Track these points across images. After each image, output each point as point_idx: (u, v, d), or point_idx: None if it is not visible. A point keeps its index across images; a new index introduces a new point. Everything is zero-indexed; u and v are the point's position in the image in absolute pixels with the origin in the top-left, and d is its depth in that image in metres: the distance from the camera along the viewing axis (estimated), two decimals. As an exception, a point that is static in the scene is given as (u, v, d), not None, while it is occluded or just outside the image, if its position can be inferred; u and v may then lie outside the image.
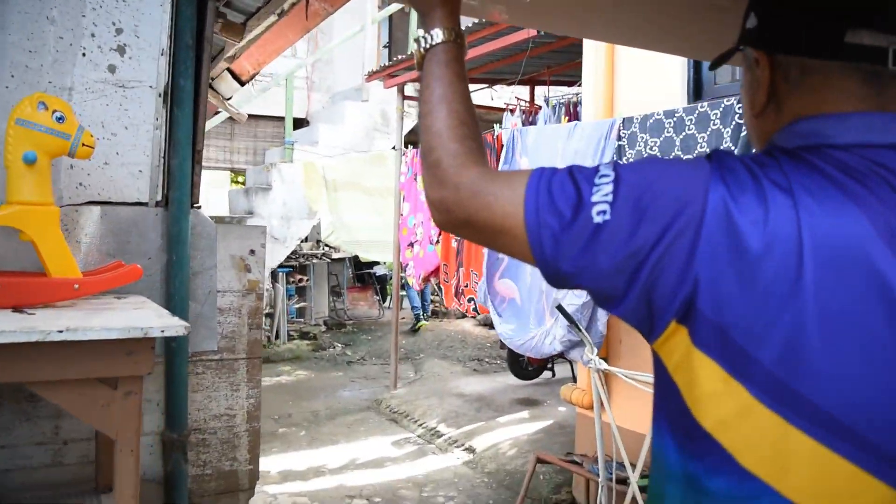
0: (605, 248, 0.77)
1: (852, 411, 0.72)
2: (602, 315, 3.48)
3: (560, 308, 3.07)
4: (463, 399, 6.64)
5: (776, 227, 0.73)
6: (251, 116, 10.92)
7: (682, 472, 0.80)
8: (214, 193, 11.29)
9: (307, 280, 9.45)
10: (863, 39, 0.78)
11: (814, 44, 0.81)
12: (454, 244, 5.78)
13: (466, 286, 5.43)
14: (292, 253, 9.13)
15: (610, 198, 0.77)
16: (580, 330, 3.08)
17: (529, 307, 4.14)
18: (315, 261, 9.50)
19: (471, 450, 5.38)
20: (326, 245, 9.66)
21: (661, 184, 0.77)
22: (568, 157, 3.69)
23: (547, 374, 7.32)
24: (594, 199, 0.78)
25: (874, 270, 0.72)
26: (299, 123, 10.36)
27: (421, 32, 0.98)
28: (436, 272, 6.07)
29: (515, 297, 4.32)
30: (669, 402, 0.81)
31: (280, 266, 8.93)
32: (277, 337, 8.90)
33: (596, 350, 3.07)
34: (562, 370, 7.29)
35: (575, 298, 3.45)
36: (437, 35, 0.95)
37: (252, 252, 2.68)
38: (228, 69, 4.06)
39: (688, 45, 1.42)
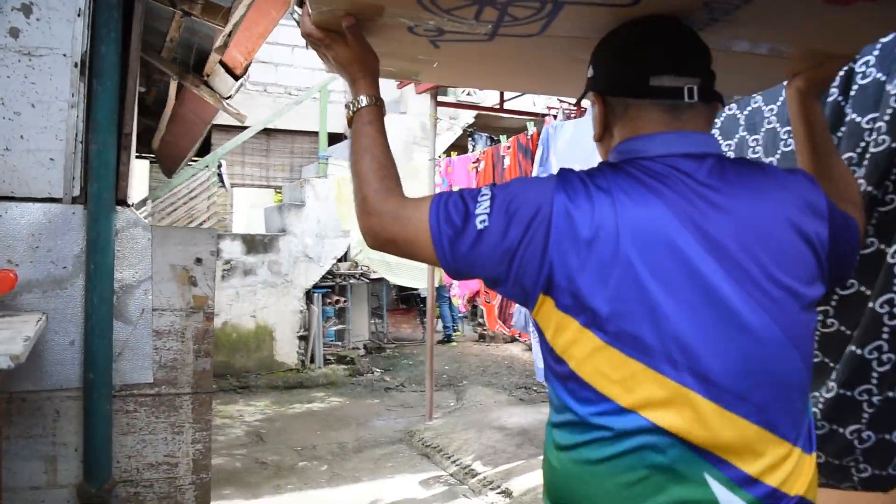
0: (487, 246, 1.12)
1: (662, 341, 1.05)
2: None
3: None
4: (503, 433, 6.00)
5: (600, 217, 1.07)
6: (287, 132, 10.63)
7: (563, 403, 1.13)
8: (257, 213, 10.99)
9: (345, 301, 8.98)
10: (663, 82, 1.14)
11: (629, 87, 1.17)
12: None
13: (510, 307, 4.84)
14: (329, 273, 8.68)
15: (488, 210, 1.13)
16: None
17: None
18: (353, 281, 9.02)
19: (507, 493, 4.74)
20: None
21: (522, 196, 1.12)
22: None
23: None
24: (477, 211, 1.13)
25: (671, 241, 1.06)
26: (337, 139, 9.96)
27: (350, 98, 1.32)
28: (479, 292, 5.48)
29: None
30: (548, 356, 1.14)
31: (315, 287, 8.48)
32: (312, 361, 8.43)
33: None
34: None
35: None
36: (362, 101, 1.30)
37: (199, 261, 2.15)
38: (221, 62, 3.60)
39: (565, 88, 1.73)
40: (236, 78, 3.70)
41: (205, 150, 8.47)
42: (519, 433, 5.99)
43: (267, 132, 10.16)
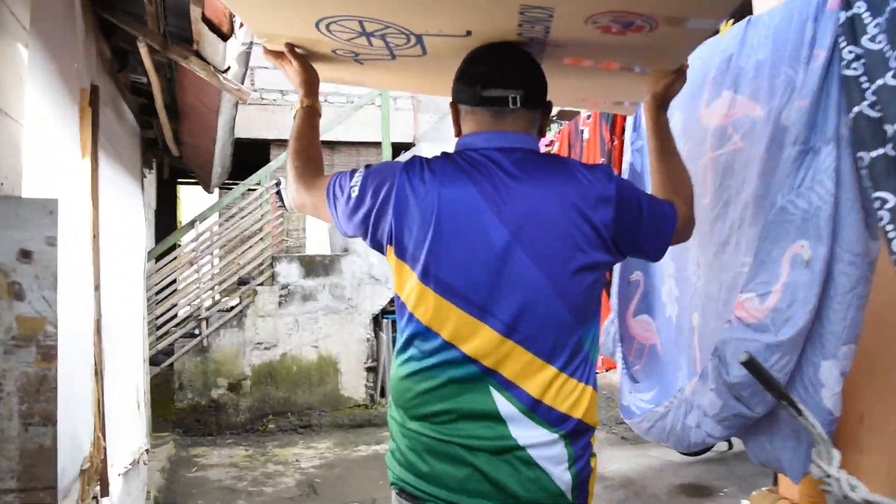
0: (356, 209, 1.50)
1: (461, 283, 1.40)
2: (827, 373, 1.70)
3: (750, 363, 1.37)
4: (603, 483, 4.87)
5: (426, 192, 1.43)
6: (351, 144, 9.87)
7: (400, 326, 1.49)
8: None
9: (418, 327, 8.07)
10: (492, 93, 1.47)
11: (467, 97, 1.51)
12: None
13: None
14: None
15: (359, 183, 1.51)
16: (793, 407, 1.40)
17: (676, 355, 2.44)
18: (427, 304, 8.11)
19: (609, 569, 3.63)
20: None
21: (379, 174, 1.50)
22: (744, 78, 2.02)
23: (721, 444, 5.39)
24: (351, 184, 1.52)
25: (473, 212, 1.41)
26: (404, 148, 9.11)
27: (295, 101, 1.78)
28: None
29: (656, 344, 2.63)
30: (394, 291, 1.51)
31: (384, 312, 7.58)
32: (382, 395, 7.50)
33: (835, 455, 1.37)
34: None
35: (750, 333, 1.73)
36: (302, 103, 1.73)
37: (26, 255, 1.23)
38: (204, 17, 2.73)
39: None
40: (224, 37, 2.82)
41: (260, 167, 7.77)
42: (623, 483, 4.85)
43: (330, 146, 9.45)
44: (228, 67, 3.14)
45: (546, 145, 4.03)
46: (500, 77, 1.46)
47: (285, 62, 1.73)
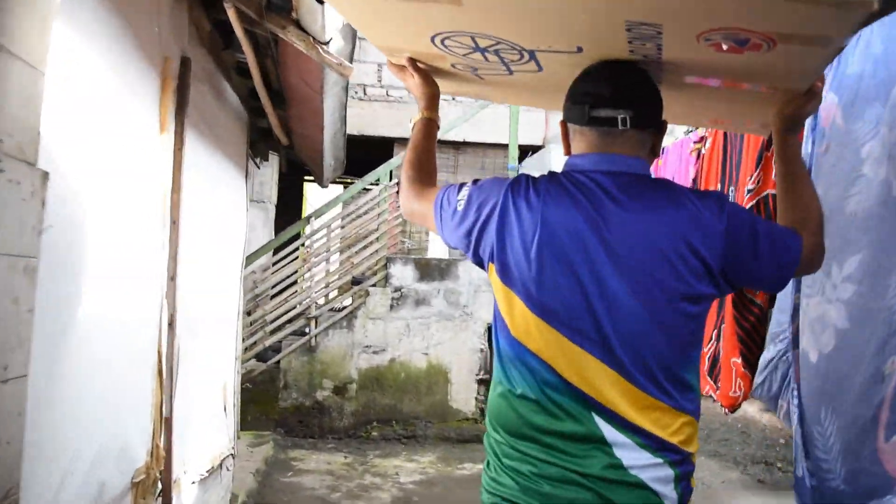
0: (462, 224, 1.51)
1: (564, 311, 1.39)
2: None
3: None
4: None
5: (530, 214, 1.42)
6: (477, 145, 9.49)
7: (498, 346, 1.49)
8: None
9: (535, 340, 7.57)
10: (600, 113, 1.43)
11: (576, 116, 1.48)
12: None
13: (738, 361, 3.11)
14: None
15: (465, 197, 1.52)
16: None
17: (816, 397, 1.87)
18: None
19: None
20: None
21: (485, 191, 1.51)
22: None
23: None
24: (458, 198, 1.53)
25: (577, 236, 1.39)
26: (534, 150, 8.64)
27: (414, 113, 1.82)
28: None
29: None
30: (494, 308, 1.51)
31: (500, 322, 7.13)
32: (494, 411, 7.06)
33: None
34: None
35: None
36: (419, 115, 1.77)
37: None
38: (299, -23, 2.39)
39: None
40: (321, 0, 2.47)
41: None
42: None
43: (455, 146, 9.14)
44: (330, 39, 2.80)
45: (696, 142, 3.46)
46: (610, 97, 1.44)
47: (407, 75, 1.76)
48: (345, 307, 6.92)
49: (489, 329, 7.16)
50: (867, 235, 1.83)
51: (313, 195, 13.07)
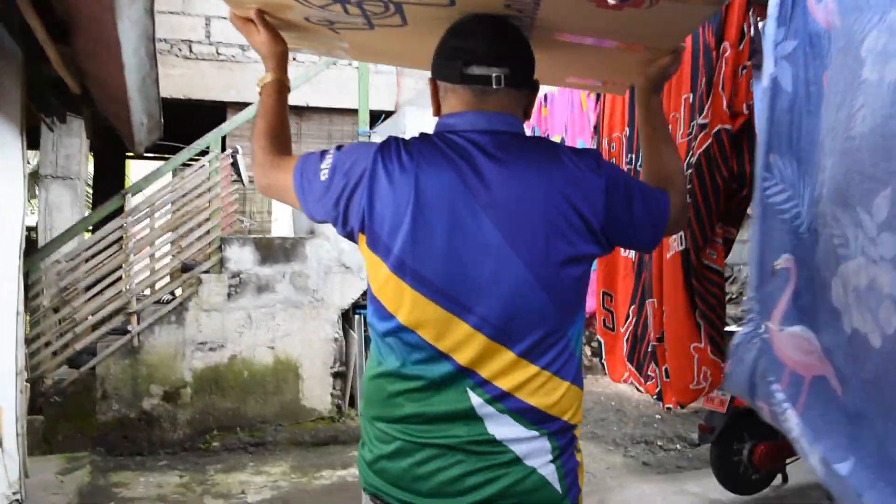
0: (326, 193, 1.41)
1: (438, 277, 1.31)
2: None
3: None
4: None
5: (402, 177, 1.34)
6: (322, 110, 8.59)
7: (369, 320, 1.42)
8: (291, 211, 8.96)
9: (396, 324, 6.85)
10: (474, 71, 1.37)
11: (448, 74, 1.40)
12: (628, 255, 2.97)
13: (660, 342, 2.54)
14: (373, 287, 6.55)
15: (329, 165, 1.42)
16: None
17: (880, 401, 1.29)
18: (407, 297, 6.88)
19: None
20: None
21: (352, 157, 1.41)
22: None
23: (776, 479, 4.30)
24: (322, 166, 1.43)
25: (453, 197, 1.32)
26: (387, 116, 7.88)
27: (261, 76, 1.62)
28: (595, 312, 3.24)
29: (827, 377, 1.49)
30: (366, 283, 1.44)
31: (356, 307, 6.38)
32: (352, 405, 6.31)
33: None
34: (799, 472, 4.23)
35: None
36: (267, 77, 1.60)
37: None
38: None
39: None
40: None
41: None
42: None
43: (298, 111, 8.19)
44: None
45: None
46: (484, 53, 1.38)
47: (252, 30, 1.61)
48: (173, 298, 5.89)
49: (343, 315, 6.43)
50: (887, 161, 1.26)
51: (138, 174, 11.60)
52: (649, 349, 2.64)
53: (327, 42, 1.78)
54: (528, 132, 1.87)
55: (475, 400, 1.31)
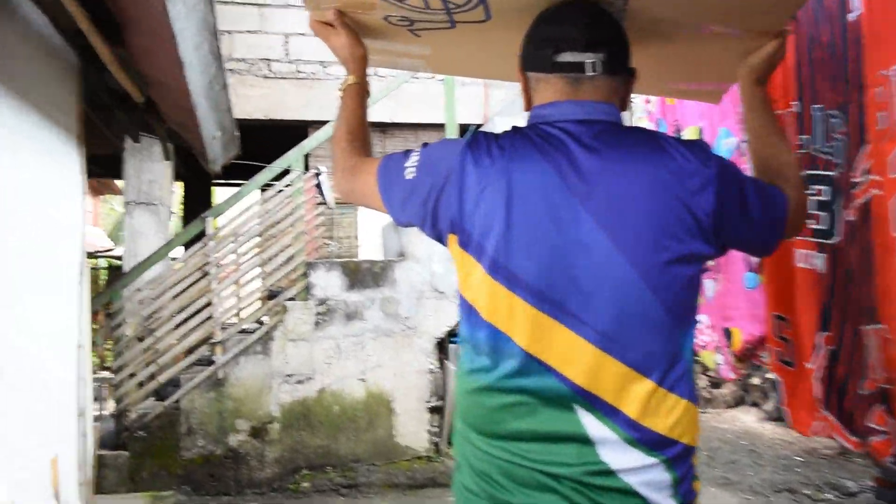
0: (414, 193, 1.34)
1: (537, 278, 1.21)
2: None
3: None
4: None
5: (494, 173, 1.25)
6: (409, 126, 8.19)
7: (461, 328, 1.33)
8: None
9: (492, 352, 6.33)
10: (566, 58, 1.29)
11: (538, 64, 1.34)
12: (810, 265, 2.39)
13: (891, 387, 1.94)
14: (468, 312, 6.07)
15: (415, 164, 1.35)
16: None
17: None
18: (503, 323, 6.35)
19: None
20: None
21: (439, 153, 1.34)
22: None
23: None
24: (407, 165, 1.36)
25: (550, 192, 1.23)
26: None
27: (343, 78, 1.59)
28: (761, 339, 2.67)
29: None
30: (458, 287, 1.33)
31: (451, 335, 5.90)
32: (450, 442, 5.81)
33: None
34: None
35: None
36: (348, 80, 1.57)
37: None
38: None
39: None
40: None
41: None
42: None
43: (381, 128, 7.83)
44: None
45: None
46: (576, 39, 1.30)
47: (332, 34, 1.57)
48: (259, 326, 5.54)
49: (439, 345, 5.97)
50: None
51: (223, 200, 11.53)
52: (869, 392, 2.05)
53: (406, 50, 1.73)
54: (652, 126, 1.62)
55: (585, 419, 1.19)
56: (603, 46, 1.30)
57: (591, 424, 1.18)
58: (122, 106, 3.53)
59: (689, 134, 2.76)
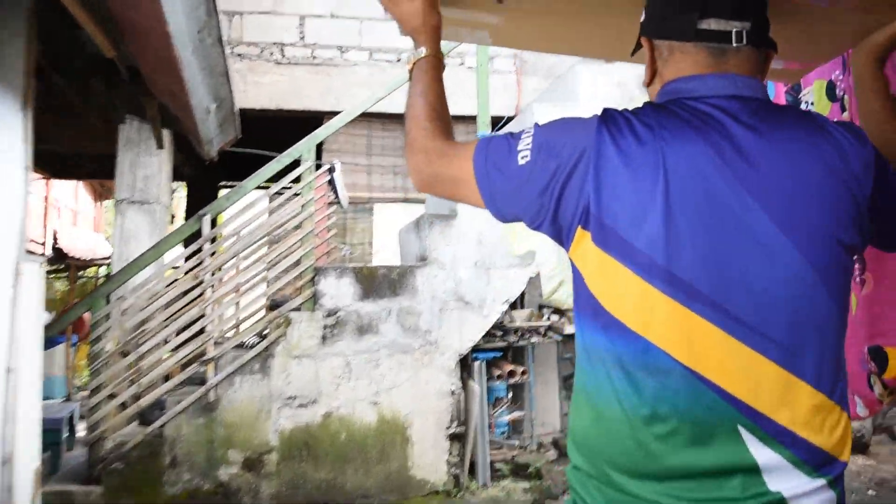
0: (528, 181, 1.12)
1: (700, 279, 1.02)
2: None
3: None
4: None
5: (642, 152, 1.06)
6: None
7: (592, 344, 1.09)
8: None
9: (524, 373, 5.55)
10: (711, 25, 1.13)
11: (677, 30, 1.17)
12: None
13: None
14: (496, 327, 5.34)
15: (530, 146, 1.13)
16: None
17: None
18: (536, 339, 5.57)
19: None
20: (555, 310, 5.75)
21: (564, 131, 1.13)
22: None
23: None
24: (519, 147, 1.14)
25: (714, 179, 1.05)
26: (505, 124, 6.70)
27: (412, 49, 1.38)
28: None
29: None
30: (580, 294, 1.13)
31: (476, 350, 5.18)
32: (472, 474, 5.06)
33: None
34: None
35: None
36: (422, 52, 1.36)
37: None
38: None
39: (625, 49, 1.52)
40: None
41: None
42: None
43: (402, 121, 7.13)
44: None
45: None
46: (723, 4, 1.15)
47: (402, 1, 1.40)
48: (259, 340, 4.86)
49: (462, 362, 5.24)
50: None
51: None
52: None
53: (476, 19, 1.57)
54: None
55: (751, 442, 1.02)
56: (749, 14, 1.17)
57: (757, 448, 1.03)
58: (101, 76, 2.89)
59: (815, 89, 2.06)
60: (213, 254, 4.83)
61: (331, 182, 5.62)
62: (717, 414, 1.02)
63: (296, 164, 5.02)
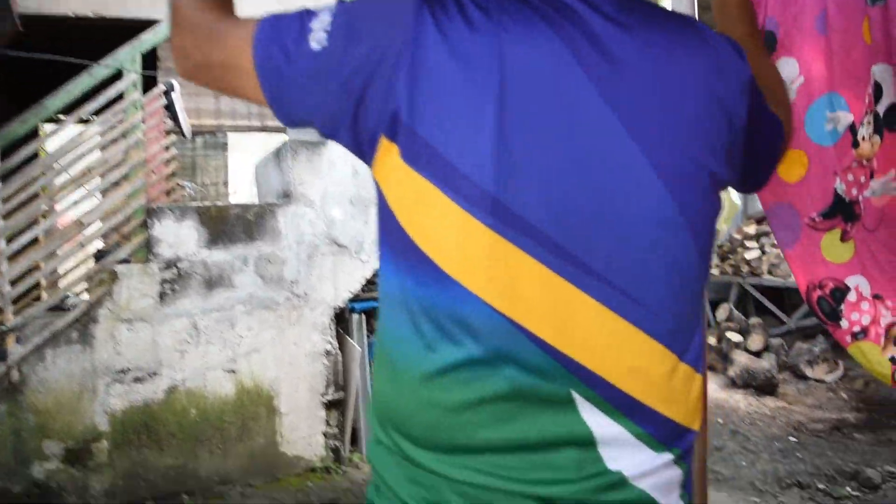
0: (324, 71, 0.81)
1: (544, 211, 0.78)
2: None
3: None
4: None
5: (475, 42, 0.78)
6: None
7: (399, 289, 0.83)
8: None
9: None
10: None
11: None
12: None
13: None
14: (378, 275, 4.60)
15: (328, 26, 0.82)
16: None
17: None
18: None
19: None
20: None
21: (367, 10, 0.83)
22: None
23: None
24: (313, 26, 0.83)
25: (566, 84, 0.79)
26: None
27: None
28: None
29: None
30: (385, 224, 0.84)
31: (355, 300, 4.43)
32: (355, 445, 4.37)
33: None
34: None
35: None
36: None
37: None
38: None
39: None
40: None
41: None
42: None
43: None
44: None
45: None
46: None
47: None
48: (72, 305, 3.86)
49: (337, 317, 4.47)
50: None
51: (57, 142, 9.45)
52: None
53: None
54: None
55: (589, 414, 0.80)
56: None
57: (596, 420, 0.80)
58: None
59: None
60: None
61: (168, 107, 4.64)
62: (549, 378, 0.79)
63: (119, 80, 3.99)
